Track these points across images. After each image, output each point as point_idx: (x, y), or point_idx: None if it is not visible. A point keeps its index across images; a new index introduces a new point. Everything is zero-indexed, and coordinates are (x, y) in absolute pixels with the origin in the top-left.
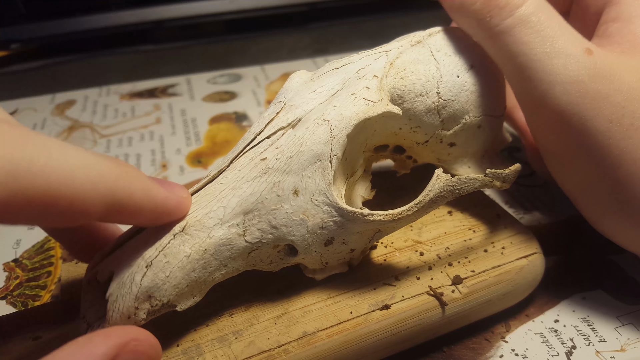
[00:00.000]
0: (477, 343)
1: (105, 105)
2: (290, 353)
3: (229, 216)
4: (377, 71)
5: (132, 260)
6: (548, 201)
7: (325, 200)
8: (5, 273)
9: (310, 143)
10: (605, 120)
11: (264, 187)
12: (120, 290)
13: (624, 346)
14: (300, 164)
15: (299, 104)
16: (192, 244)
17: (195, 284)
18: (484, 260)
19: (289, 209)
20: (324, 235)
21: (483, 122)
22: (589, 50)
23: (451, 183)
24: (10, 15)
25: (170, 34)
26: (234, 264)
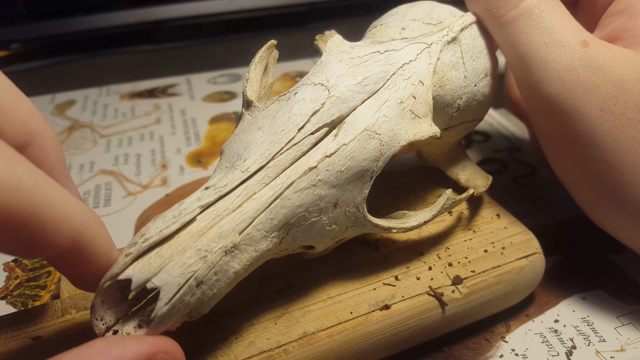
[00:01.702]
0: (477, 343)
1: (105, 105)
2: (290, 353)
3: (275, 228)
4: (422, 76)
5: (180, 278)
6: (548, 201)
7: (355, 212)
8: (5, 273)
9: (361, 159)
10: (596, 108)
11: (311, 200)
12: (169, 312)
13: (624, 346)
14: (347, 179)
15: (344, 98)
16: (241, 260)
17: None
18: (484, 261)
19: (326, 220)
20: (340, 237)
21: (471, 124)
22: (585, 42)
23: (454, 201)
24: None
25: (170, 34)
26: (257, 264)
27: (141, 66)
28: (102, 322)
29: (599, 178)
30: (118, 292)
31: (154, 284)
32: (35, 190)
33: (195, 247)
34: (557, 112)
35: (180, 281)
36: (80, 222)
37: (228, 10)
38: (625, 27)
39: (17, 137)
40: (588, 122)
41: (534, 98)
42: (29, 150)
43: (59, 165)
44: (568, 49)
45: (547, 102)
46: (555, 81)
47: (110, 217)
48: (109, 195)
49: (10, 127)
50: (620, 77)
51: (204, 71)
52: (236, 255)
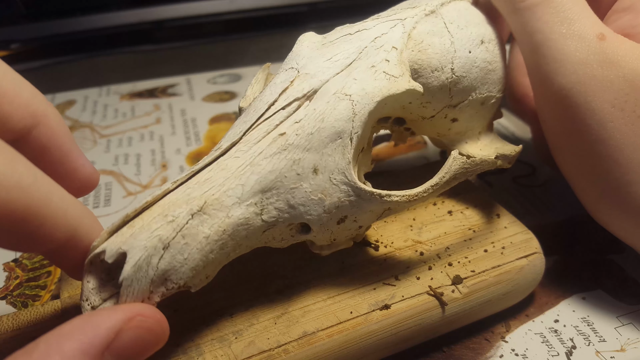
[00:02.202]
0: (477, 343)
1: (105, 105)
2: (290, 353)
3: (248, 195)
4: (395, 42)
5: (146, 241)
6: (548, 201)
7: (343, 180)
8: (5, 273)
9: (332, 119)
10: (608, 104)
11: (284, 165)
12: (135, 274)
13: (624, 346)
14: (320, 141)
15: (314, 73)
16: (211, 225)
17: (211, 265)
18: (484, 260)
19: (307, 187)
20: (338, 214)
21: (486, 99)
22: (602, 36)
23: (466, 165)
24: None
25: (170, 34)
26: (247, 242)
27: (141, 66)
28: (87, 302)
29: (604, 175)
30: (103, 274)
31: (122, 249)
32: (34, 187)
33: (162, 214)
34: (568, 106)
35: (146, 244)
36: (75, 217)
37: (228, 10)
38: (632, 23)
39: (23, 120)
40: (598, 117)
41: (545, 89)
42: (36, 131)
43: (68, 141)
44: (585, 41)
45: (558, 95)
46: (570, 74)
47: (110, 217)
48: (109, 195)
49: (16, 111)
50: (632, 73)
51: (204, 71)
52: (205, 219)
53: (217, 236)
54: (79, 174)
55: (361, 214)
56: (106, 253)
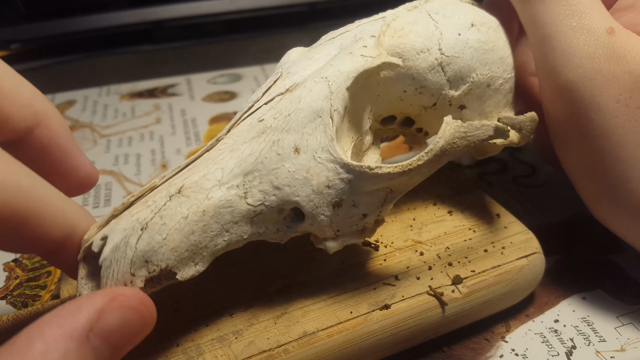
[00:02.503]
0: (477, 343)
1: (105, 105)
2: (290, 353)
3: (228, 177)
4: (374, 32)
5: (125, 224)
6: (548, 201)
7: (329, 157)
8: (5, 273)
9: (309, 100)
10: (612, 100)
11: (263, 147)
12: (114, 255)
13: (624, 346)
14: (299, 122)
15: (297, 71)
16: (190, 206)
17: (196, 249)
18: (484, 260)
19: (290, 167)
20: (331, 195)
21: (492, 80)
22: (611, 30)
23: (462, 129)
24: (10, 15)
25: (170, 34)
26: (237, 229)
27: (141, 66)
28: (78, 294)
29: (606, 171)
30: (96, 269)
31: (104, 234)
32: (33, 189)
33: (144, 202)
34: (573, 100)
35: (125, 226)
36: (73, 217)
37: (228, 10)
38: (635, 21)
39: (24, 121)
40: (603, 112)
41: (552, 83)
42: (37, 131)
43: (68, 140)
44: (594, 35)
45: (564, 88)
46: (577, 67)
47: None
48: (109, 195)
49: (17, 112)
50: (638, 69)
51: (204, 71)
52: (183, 201)
53: (196, 217)
54: (80, 173)
55: (358, 196)
56: (93, 243)
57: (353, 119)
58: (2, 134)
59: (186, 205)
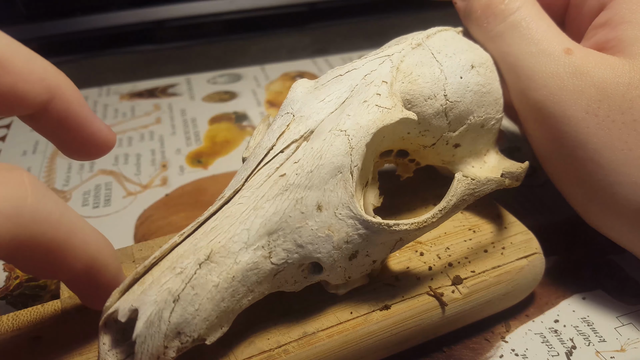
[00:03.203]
0: (477, 343)
1: (105, 105)
2: (290, 353)
3: (254, 239)
4: (384, 76)
5: (156, 296)
6: (548, 201)
7: (349, 214)
8: (5, 273)
9: (330, 155)
10: (581, 111)
11: (287, 205)
12: (148, 330)
13: (624, 346)
14: (321, 178)
15: (309, 115)
16: (220, 272)
17: (224, 314)
18: (484, 261)
19: (313, 225)
20: (349, 249)
21: (486, 122)
22: (568, 50)
23: (472, 186)
24: (10, 15)
25: (170, 34)
26: (260, 288)
27: (141, 66)
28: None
29: (589, 178)
30: (118, 334)
31: (133, 306)
32: (61, 222)
33: (171, 267)
34: (545, 117)
35: (156, 298)
36: (95, 250)
37: (228, 10)
38: (607, 37)
39: (39, 96)
40: (574, 124)
41: (523, 104)
42: (53, 103)
43: (84, 108)
44: (553, 57)
45: (535, 107)
46: (542, 87)
47: (110, 217)
48: (109, 195)
49: (32, 88)
50: (602, 81)
51: (204, 71)
52: (213, 268)
53: (226, 284)
54: (97, 137)
55: (372, 247)
56: (119, 312)
57: (365, 166)
58: (21, 110)
59: (216, 272)
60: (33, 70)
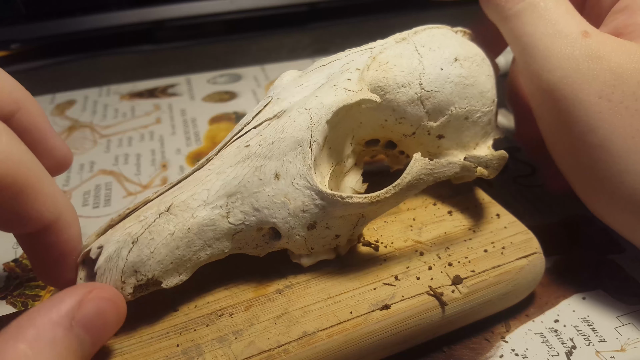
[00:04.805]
0: (477, 343)
1: (105, 105)
2: (290, 353)
3: (213, 198)
4: (359, 64)
5: (119, 237)
6: (548, 201)
7: (305, 184)
8: (5, 273)
9: (292, 130)
10: (594, 96)
11: (247, 172)
12: (107, 264)
13: (624, 346)
14: (281, 150)
15: (286, 97)
16: (176, 223)
17: (180, 262)
18: (484, 260)
19: (270, 192)
20: (306, 218)
21: (470, 114)
22: (585, 33)
23: (429, 166)
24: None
25: (170, 34)
26: (218, 245)
27: (141, 66)
28: None
29: (597, 165)
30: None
31: (100, 245)
32: (34, 164)
33: (136, 216)
34: (557, 99)
35: (118, 239)
36: (62, 203)
37: (228, 10)
38: (626, 23)
39: (8, 106)
40: (586, 108)
41: (535, 86)
42: (18, 115)
43: (45, 124)
44: (569, 38)
45: (547, 89)
46: (556, 69)
47: (110, 217)
48: (109, 195)
49: (2, 98)
50: (618, 66)
51: (204, 71)
52: (171, 219)
53: (182, 233)
54: (57, 153)
55: (331, 219)
56: (91, 250)
57: (334, 146)
58: None
59: (173, 222)
60: (3, 83)
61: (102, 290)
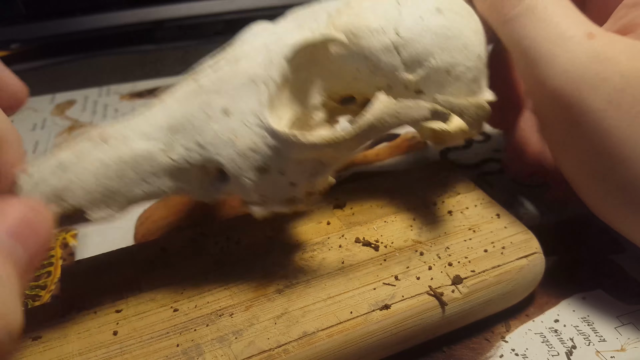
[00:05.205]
0: (477, 343)
1: (105, 105)
2: (290, 353)
3: (152, 130)
4: (331, 10)
5: (50, 162)
6: (548, 201)
7: (257, 122)
8: None
9: (247, 66)
10: (603, 101)
11: (193, 106)
12: (33, 190)
13: (624, 346)
14: (232, 85)
15: (248, 40)
16: (107, 151)
17: (110, 194)
18: (484, 260)
19: (217, 128)
20: (256, 160)
21: (452, 67)
22: (590, 34)
23: (394, 106)
24: (10, 15)
25: (170, 34)
26: (156, 181)
27: (141, 66)
28: None
29: (608, 172)
30: None
31: (29, 169)
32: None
33: (71, 145)
34: (563, 106)
35: (49, 164)
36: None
37: (228, 10)
38: (638, 20)
39: None
40: (595, 114)
41: (538, 93)
42: None
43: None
44: (573, 41)
45: (553, 96)
46: (561, 74)
47: None
48: None
49: None
50: (628, 69)
51: None
52: (104, 148)
53: (113, 163)
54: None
55: (285, 163)
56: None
57: (297, 91)
58: None
59: (105, 151)
60: None
61: (23, 201)
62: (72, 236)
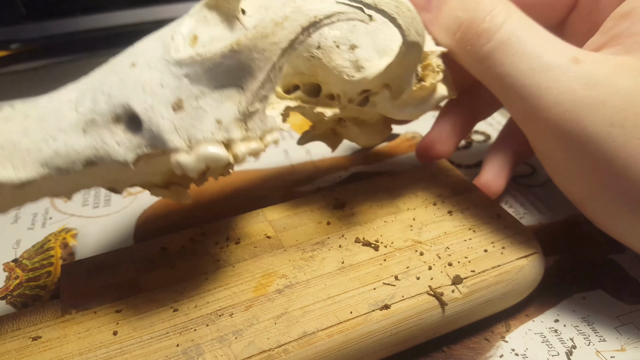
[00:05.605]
0: (477, 343)
1: None
2: (290, 353)
3: (62, 93)
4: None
5: None
6: (548, 201)
7: (164, 63)
8: (5, 273)
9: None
10: (605, 125)
11: (103, 70)
12: None
13: (624, 346)
14: (142, 46)
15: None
16: (11, 112)
17: (14, 151)
18: (484, 260)
19: (123, 77)
20: (167, 94)
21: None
22: (575, 59)
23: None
24: (10, 15)
25: None
26: (65, 138)
27: None
28: None
29: (620, 193)
30: None
31: None
32: None
33: None
34: (562, 136)
35: None
36: None
37: None
38: (630, 31)
39: None
40: (598, 139)
41: (533, 126)
42: None
43: None
44: (560, 70)
45: (548, 128)
46: (553, 106)
47: (110, 217)
48: (108, 195)
49: None
50: (626, 87)
51: None
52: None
53: (17, 119)
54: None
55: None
56: None
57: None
58: None
59: (8, 112)
60: None
61: None
62: (72, 236)
